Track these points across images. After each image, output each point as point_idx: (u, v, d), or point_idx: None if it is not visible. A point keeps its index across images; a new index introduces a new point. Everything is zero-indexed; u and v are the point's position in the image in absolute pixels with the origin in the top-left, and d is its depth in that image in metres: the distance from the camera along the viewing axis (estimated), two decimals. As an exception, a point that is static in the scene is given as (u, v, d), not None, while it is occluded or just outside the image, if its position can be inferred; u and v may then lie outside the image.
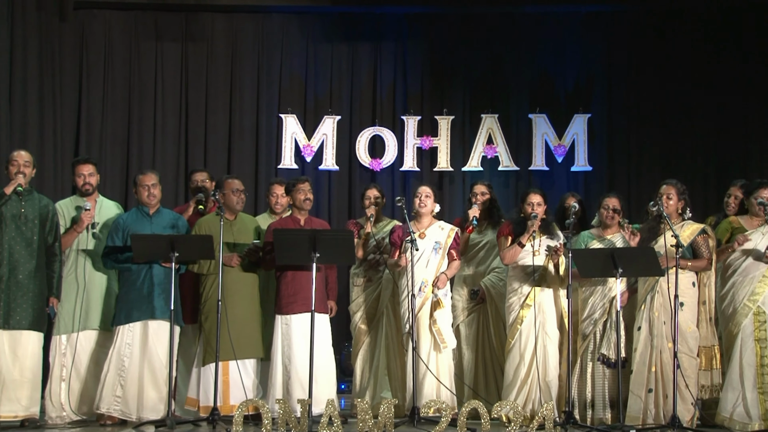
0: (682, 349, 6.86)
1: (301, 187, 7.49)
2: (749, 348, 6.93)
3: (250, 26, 11.37)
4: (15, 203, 6.98)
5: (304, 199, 7.47)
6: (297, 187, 7.51)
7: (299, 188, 7.49)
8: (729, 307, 7.12)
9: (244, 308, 7.29)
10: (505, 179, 11.11)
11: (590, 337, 7.31)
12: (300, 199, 7.47)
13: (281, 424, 5.35)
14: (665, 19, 11.20)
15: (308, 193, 7.50)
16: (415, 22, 11.41)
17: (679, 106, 11.14)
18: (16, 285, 6.89)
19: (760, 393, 6.85)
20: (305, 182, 7.56)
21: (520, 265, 7.41)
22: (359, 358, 8.02)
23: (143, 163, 10.76)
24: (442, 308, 7.43)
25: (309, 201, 7.51)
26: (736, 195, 7.59)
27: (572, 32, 11.34)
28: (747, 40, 11.04)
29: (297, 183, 7.56)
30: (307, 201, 7.48)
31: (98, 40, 11.05)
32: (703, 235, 7.17)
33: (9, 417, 6.82)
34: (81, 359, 7.22)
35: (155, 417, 6.92)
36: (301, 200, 7.47)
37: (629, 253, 6.96)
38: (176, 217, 7.50)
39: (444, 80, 11.40)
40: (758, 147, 10.98)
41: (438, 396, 7.18)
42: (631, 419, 6.93)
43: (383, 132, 11.16)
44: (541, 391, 7.19)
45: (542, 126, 11.05)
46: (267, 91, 11.30)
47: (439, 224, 7.65)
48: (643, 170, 11.07)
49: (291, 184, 7.62)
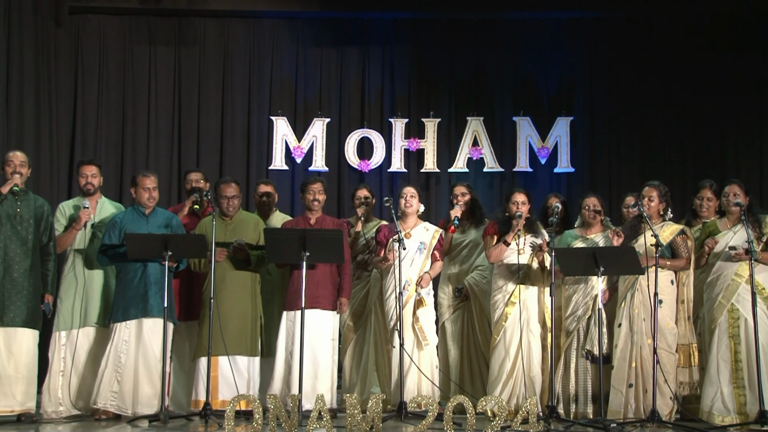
0: (661, 345, 6.88)
1: (311, 188, 7.49)
2: (724, 344, 6.95)
3: (241, 31, 11.35)
4: (11, 203, 6.95)
5: (312, 199, 7.46)
6: (307, 187, 7.51)
7: (309, 189, 7.49)
8: (707, 304, 7.13)
9: (238, 306, 7.27)
10: (490, 180, 11.12)
11: (574, 333, 7.31)
12: (309, 200, 7.47)
13: (272, 419, 5.32)
14: (645, 25, 11.23)
15: (317, 194, 7.48)
16: (402, 27, 11.41)
17: (657, 109, 11.18)
18: (11, 283, 6.86)
19: (735, 387, 6.87)
20: (317, 183, 7.54)
21: (505, 263, 7.41)
22: (348, 354, 8.02)
23: (137, 164, 10.74)
24: (425, 307, 7.43)
25: (317, 202, 7.48)
26: (707, 197, 7.60)
27: (555, 38, 11.36)
28: (721, 47, 11.07)
29: (308, 183, 7.55)
30: (315, 202, 7.46)
31: (93, 44, 11.02)
32: (683, 236, 7.19)
33: (5, 412, 6.81)
34: (79, 355, 7.22)
35: (149, 412, 6.90)
36: (309, 200, 7.47)
37: (610, 252, 6.97)
38: (170, 216, 7.49)
39: (430, 84, 11.40)
40: (733, 148, 11.05)
41: (420, 390, 7.17)
42: (612, 413, 6.94)
43: (371, 134, 11.15)
44: (525, 386, 7.19)
45: (526, 128, 11.06)
46: (258, 94, 11.28)
47: (425, 225, 7.65)
48: (623, 171, 11.10)
49: (303, 185, 7.62)
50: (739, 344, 6.89)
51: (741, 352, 6.87)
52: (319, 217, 7.49)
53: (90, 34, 11.02)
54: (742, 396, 6.82)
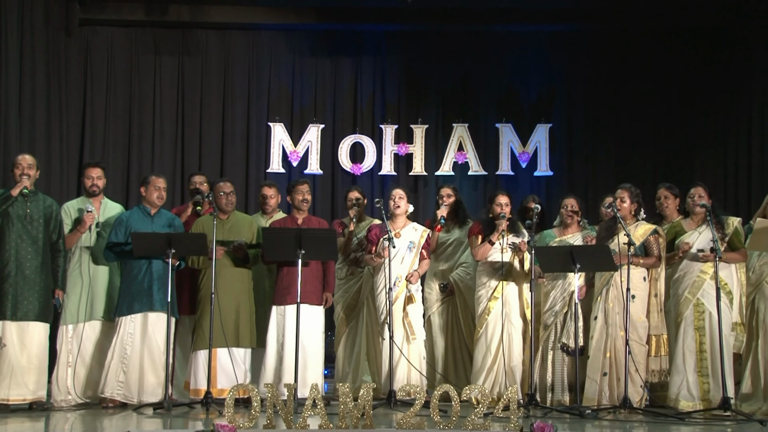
0: (632, 337, 6.90)
1: (299, 189, 7.48)
2: (690, 336, 6.97)
3: (241, 42, 11.35)
4: (21, 204, 6.93)
5: (302, 199, 7.45)
6: (296, 188, 7.50)
7: (297, 189, 7.48)
8: (672, 299, 7.16)
9: (236, 301, 7.27)
10: (474, 183, 11.14)
11: (551, 327, 7.33)
12: (298, 200, 7.46)
13: (269, 406, 5.31)
14: (619, 39, 11.27)
15: (306, 194, 7.48)
16: (392, 39, 11.43)
17: (631, 116, 11.23)
18: (23, 280, 6.85)
19: (700, 376, 6.90)
20: (303, 184, 7.54)
21: (489, 261, 7.42)
22: (341, 345, 8.03)
23: (143, 166, 10.74)
24: (414, 303, 7.44)
25: (306, 202, 7.48)
26: (665, 196, 7.59)
27: (536, 50, 11.39)
28: (690, 60, 11.14)
29: (296, 185, 7.55)
30: (304, 202, 7.46)
31: (101, 54, 11.03)
32: (655, 235, 7.20)
33: (18, 400, 6.80)
34: (86, 347, 7.21)
35: (154, 400, 6.90)
36: (299, 200, 7.45)
37: (586, 251, 7.02)
38: (173, 218, 7.52)
39: (419, 92, 11.42)
40: (701, 153, 11.09)
41: (409, 380, 7.19)
42: (587, 401, 6.97)
43: (363, 139, 11.15)
44: (507, 376, 7.21)
45: (508, 134, 11.09)
46: (256, 101, 11.28)
47: (413, 225, 7.65)
48: (599, 175, 11.15)
49: (291, 186, 7.62)
50: (704, 336, 6.92)
51: (706, 343, 6.91)
52: (306, 217, 7.49)
53: (99, 45, 11.03)
54: (706, 384, 6.86)
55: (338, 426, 5.25)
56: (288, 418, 5.29)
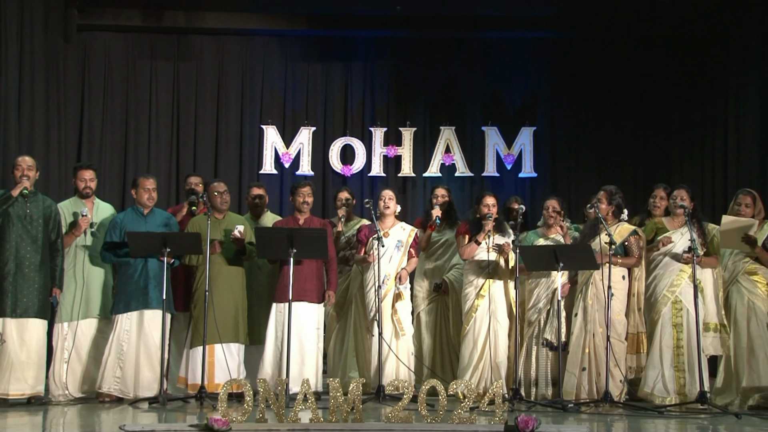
0: (612, 333, 6.92)
1: (301, 191, 7.47)
2: (667, 332, 7.03)
3: (235, 47, 11.36)
4: (21, 204, 6.93)
5: (302, 201, 7.44)
6: (297, 191, 7.50)
7: (299, 192, 7.48)
8: (651, 297, 7.21)
9: (230, 298, 7.28)
10: (461, 184, 11.17)
11: (535, 323, 7.37)
12: (299, 202, 7.45)
13: (262, 401, 5.34)
14: (600, 45, 11.33)
15: (307, 196, 7.47)
16: (381, 44, 11.46)
17: (611, 120, 11.30)
18: (23, 278, 6.85)
19: (677, 371, 6.96)
20: (306, 186, 7.53)
21: (475, 260, 7.44)
22: (332, 342, 8.04)
23: (139, 168, 10.73)
24: (402, 300, 7.47)
25: (307, 204, 7.47)
26: (661, 196, 7.64)
27: (520, 55, 11.44)
28: (668, 64, 11.20)
29: (298, 187, 7.53)
30: (305, 204, 7.45)
31: (99, 58, 11.04)
32: (635, 236, 7.25)
33: (17, 394, 6.80)
34: (82, 344, 7.21)
35: (150, 395, 6.91)
36: (300, 203, 7.45)
37: (569, 250, 7.05)
38: (168, 217, 7.50)
39: (407, 96, 11.45)
40: (679, 154, 11.17)
41: (397, 375, 7.22)
42: (566, 394, 7.00)
43: (353, 141, 11.18)
44: (492, 371, 7.25)
45: (493, 137, 11.13)
46: (250, 105, 11.30)
47: (401, 225, 7.68)
48: (581, 176, 11.20)
49: (294, 188, 7.60)
50: (681, 332, 6.99)
51: (683, 339, 6.97)
52: (307, 218, 7.49)
53: (96, 50, 11.04)
54: (682, 378, 6.93)
55: (328, 420, 5.27)
56: (280, 412, 5.31)
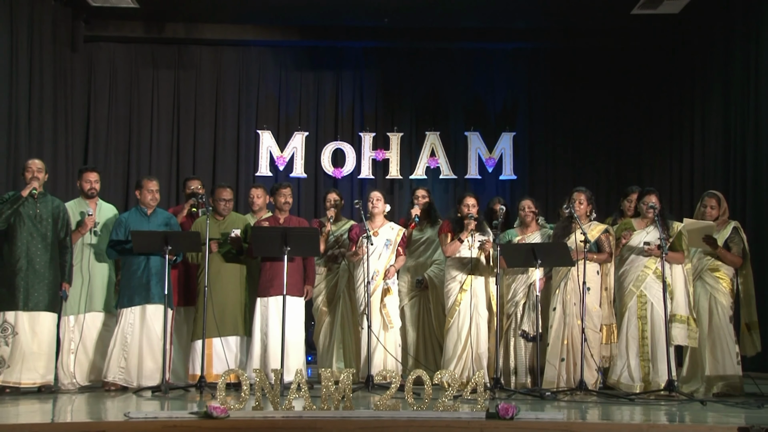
0: (588, 325, 6.94)
1: (282, 192, 7.47)
2: (633, 324, 7.06)
3: (232, 57, 11.35)
4: (31, 205, 6.93)
5: (284, 201, 7.44)
6: (279, 191, 7.49)
7: (281, 192, 7.47)
8: (619, 291, 7.24)
9: (229, 293, 7.28)
10: (445, 186, 11.19)
11: (512, 316, 7.38)
12: (281, 202, 7.45)
13: (257, 390, 5.32)
14: (574, 56, 11.36)
15: (288, 197, 7.48)
16: (370, 54, 11.46)
17: (586, 125, 11.34)
18: (34, 273, 6.84)
19: (642, 360, 7.00)
20: (287, 188, 7.54)
21: (458, 257, 7.44)
22: (321, 334, 8.02)
23: (141, 170, 10.72)
24: (391, 294, 7.46)
25: (288, 204, 7.48)
26: (633, 199, 7.67)
27: (500, 65, 11.46)
28: (637, 74, 11.25)
29: (279, 188, 7.53)
30: (286, 204, 7.46)
31: (104, 67, 11.03)
32: (606, 234, 7.28)
33: (28, 383, 6.80)
34: (88, 336, 7.22)
35: (152, 384, 6.90)
36: (282, 203, 7.45)
37: (546, 248, 7.06)
38: (169, 216, 7.50)
39: (394, 103, 11.45)
40: (649, 159, 11.20)
41: (385, 365, 7.21)
42: (547, 383, 7.01)
43: (344, 146, 11.18)
44: (474, 362, 7.25)
45: (476, 142, 11.15)
46: (246, 111, 11.29)
47: (390, 225, 7.67)
48: (558, 178, 11.23)
49: (274, 189, 7.61)
50: (646, 324, 7.02)
51: (647, 330, 7.00)
52: (287, 216, 7.50)
53: (101, 59, 11.04)
54: (647, 367, 6.96)
55: (321, 408, 5.26)
56: (275, 400, 5.29)
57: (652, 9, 10.13)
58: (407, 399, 5.33)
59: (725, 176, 9.41)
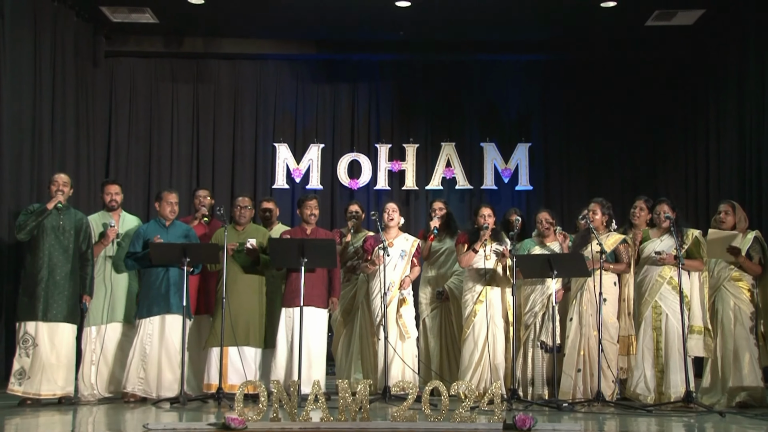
0: (605, 336, 6.85)
1: (308, 204, 7.44)
2: (648, 335, 7.00)
3: (249, 71, 11.34)
4: (55, 217, 6.95)
5: (309, 214, 7.40)
6: (305, 203, 7.46)
7: (307, 204, 7.44)
8: (637, 301, 7.14)
9: (243, 303, 7.19)
10: (461, 196, 11.11)
11: (531, 327, 7.28)
12: (306, 214, 7.41)
13: (275, 401, 5.26)
14: (588, 67, 11.27)
15: (314, 209, 7.42)
16: (385, 67, 11.43)
17: (601, 136, 11.24)
18: (54, 285, 6.83)
19: (657, 371, 6.93)
20: (312, 199, 7.49)
21: (474, 268, 7.37)
22: (339, 345, 7.96)
23: (161, 183, 10.71)
24: (406, 305, 7.39)
25: (314, 216, 7.43)
26: (641, 207, 7.55)
27: (515, 76, 11.39)
28: (655, 84, 11.16)
29: (305, 200, 7.50)
30: (312, 216, 7.41)
31: (125, 82, 11.05)
32: (624, 244, 7.19)
33: (48, 395, 6.78)
34: (108, 347, 7.18)
35: (171, 395, 6.85)
36: (307, 215, 7.41)
37: (562, 258, 6.99)
38: (188, 228, 7.46)
39: (410, 114, 11.40)
40: (664, 170, 11.09)
41: (403, 376, 7.13)
42: (563, 394, 6.93)
43: (360, 157, 11.13)
44: (491, 372, 7.16)
45: (491, 152, 11.07)
46: (263, 124, 11.27)
47: (405, 236, 7.61)
48: (573, 189, 11.15)
49: (300, 201, 7.58)
50: (660, 335, 6.95)
51: (662, 341, 6.93)
52: (314, 228, 7.44)
53: (122, 74, 11.06)
54: (661, 378, 6.89)
55: (338, 419, 5.19)
56: (292, 411, 5.23)
57: (666, 21, 10.09)
58: (424, 410, 5.26)
59: (741, 186, 9.30)
